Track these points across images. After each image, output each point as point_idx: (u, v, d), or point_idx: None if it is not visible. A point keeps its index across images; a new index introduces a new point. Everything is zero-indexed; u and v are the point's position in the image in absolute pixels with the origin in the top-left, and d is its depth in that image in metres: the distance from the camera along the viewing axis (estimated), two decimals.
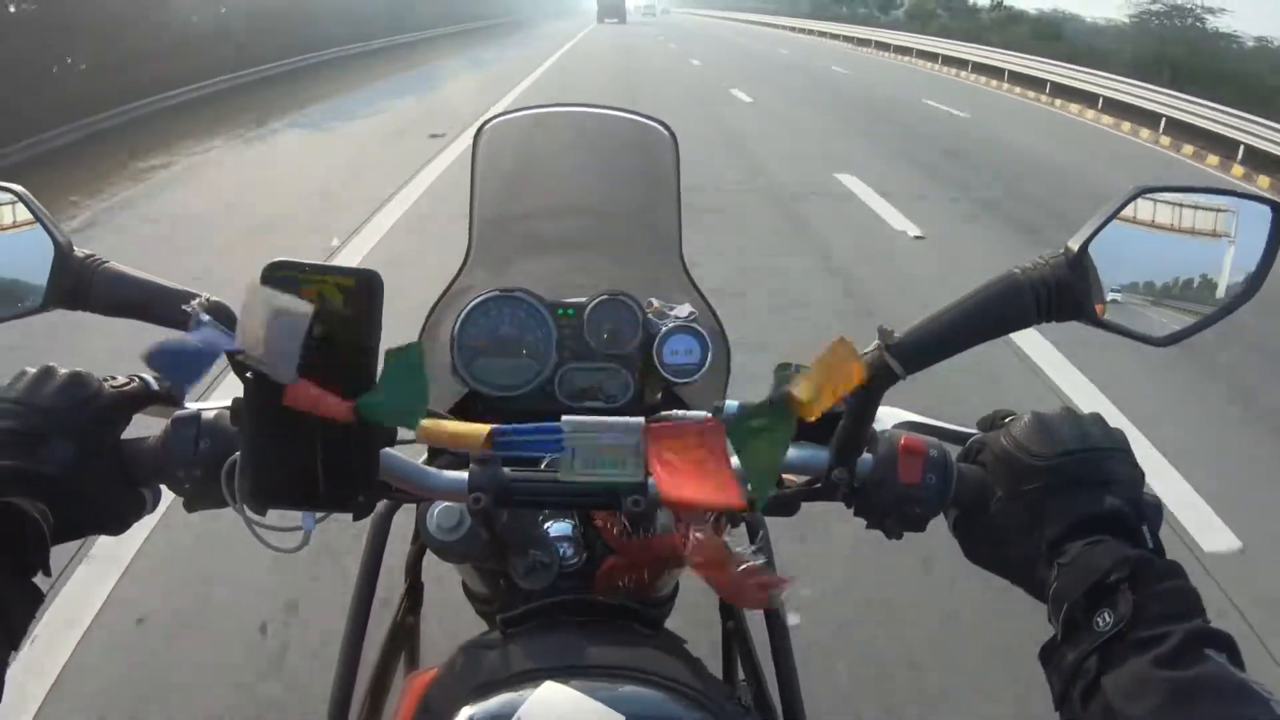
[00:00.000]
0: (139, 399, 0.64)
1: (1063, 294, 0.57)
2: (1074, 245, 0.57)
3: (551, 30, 25.62)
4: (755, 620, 0.91)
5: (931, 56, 20.62)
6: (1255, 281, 0.59)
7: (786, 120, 10.92)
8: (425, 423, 0.56)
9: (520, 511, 0.74)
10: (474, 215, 1.04)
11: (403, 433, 0.66)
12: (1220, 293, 0.60)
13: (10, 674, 0.51)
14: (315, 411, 0.51)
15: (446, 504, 0.74)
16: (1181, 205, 0.61)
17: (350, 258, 4.70)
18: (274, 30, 12.90)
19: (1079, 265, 0.57)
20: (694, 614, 0.93)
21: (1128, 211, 0.59)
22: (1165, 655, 0.47)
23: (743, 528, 0.84)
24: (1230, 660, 0.47)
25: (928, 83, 17.46)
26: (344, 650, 0.80)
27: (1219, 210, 0.61)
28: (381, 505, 0.86)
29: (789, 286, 4.55)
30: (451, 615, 1.01)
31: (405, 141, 8.19)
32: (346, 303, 0.51)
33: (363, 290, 0.51)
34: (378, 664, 0.89)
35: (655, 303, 0.94)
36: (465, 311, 0.89)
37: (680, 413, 0.75)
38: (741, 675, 0.89)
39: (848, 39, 25.87)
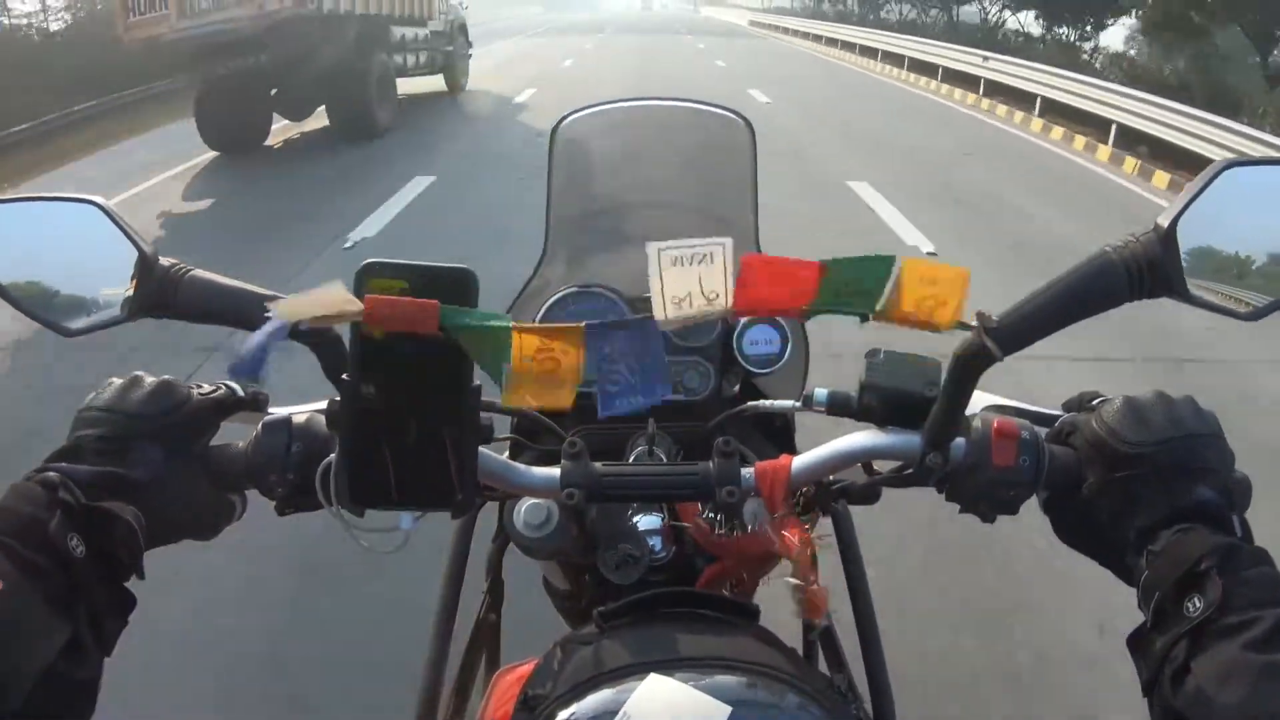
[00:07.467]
0: (226, 405, 0.65)
1: (1154, 271, 0.57)
2: (1163, 222, 0.57)
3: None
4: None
5: (806, 35, 25.03)
6: None
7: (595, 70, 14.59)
8: (519, 328, 0.52)
9: (609, 506, 0.74)
10: (551, 211, 1.05)
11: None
12: None
13: None
14: (398, 319, 0.50)
15: (533, 501, 0.74)
16: (1269, 180, 0.61)
17: None
18: None
19: (1169, 242, 0.57)
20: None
21: (1215, 187, 0.59)
22: (1255, 639, 0.47)
23: (828, 520, 0.83)
24: None
25: (771, 52, 21.12)
26: (432, 648, 0.80)
27: None
28: None
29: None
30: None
31: None
32: (442, 299, 0.50)
33: (458, 288, 0.51)
34: (462, 662, 0.89)
35: None
36: (545, 307, 0.90)
37: (766, 403, 0.75)
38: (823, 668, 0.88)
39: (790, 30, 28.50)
